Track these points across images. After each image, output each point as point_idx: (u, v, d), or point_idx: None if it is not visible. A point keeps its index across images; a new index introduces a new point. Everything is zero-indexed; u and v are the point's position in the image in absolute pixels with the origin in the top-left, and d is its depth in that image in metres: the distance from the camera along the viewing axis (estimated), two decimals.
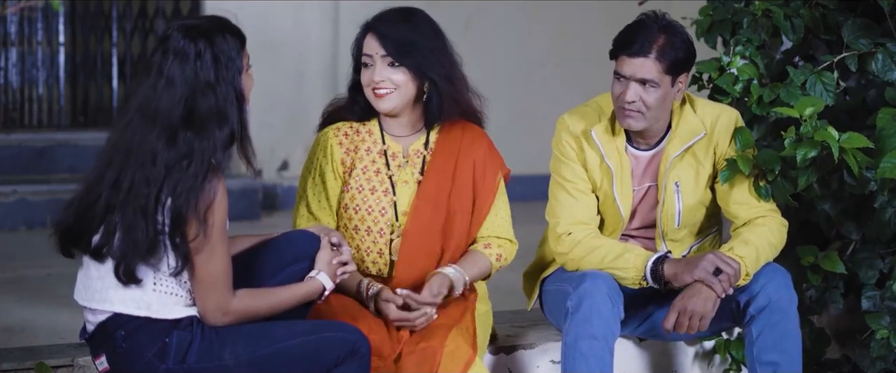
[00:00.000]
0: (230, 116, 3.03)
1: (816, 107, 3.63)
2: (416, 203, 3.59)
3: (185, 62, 3.01)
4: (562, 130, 3.73)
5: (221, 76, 3.03)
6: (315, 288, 3.24)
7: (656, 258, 3.58)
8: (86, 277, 3.13)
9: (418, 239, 3.58)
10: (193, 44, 3.02)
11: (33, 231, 6.26)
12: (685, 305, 3.50)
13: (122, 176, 3.00)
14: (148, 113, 3.01)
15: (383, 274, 3.63)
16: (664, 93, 3.59)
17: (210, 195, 2.99)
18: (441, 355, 3.35)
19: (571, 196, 3.69)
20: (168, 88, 3.01)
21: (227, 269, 3.07)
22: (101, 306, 3.09)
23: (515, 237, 3.70)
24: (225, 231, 3.06)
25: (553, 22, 7.85)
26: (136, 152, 2.99)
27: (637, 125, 3.62)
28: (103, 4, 7.65)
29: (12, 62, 7.44)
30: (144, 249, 2.99)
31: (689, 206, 3.72)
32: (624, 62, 3.57)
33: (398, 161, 3.64)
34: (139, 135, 3.00)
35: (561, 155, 3.73)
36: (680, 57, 3.58)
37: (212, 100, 3.01)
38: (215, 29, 3.07)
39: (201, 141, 2.99)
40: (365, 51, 3.58)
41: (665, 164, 3.69)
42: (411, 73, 3.55)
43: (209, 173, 2.99)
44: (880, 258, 3.94)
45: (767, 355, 3.57)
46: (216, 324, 3.10)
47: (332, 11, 7.25)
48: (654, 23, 3.58)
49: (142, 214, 2.97)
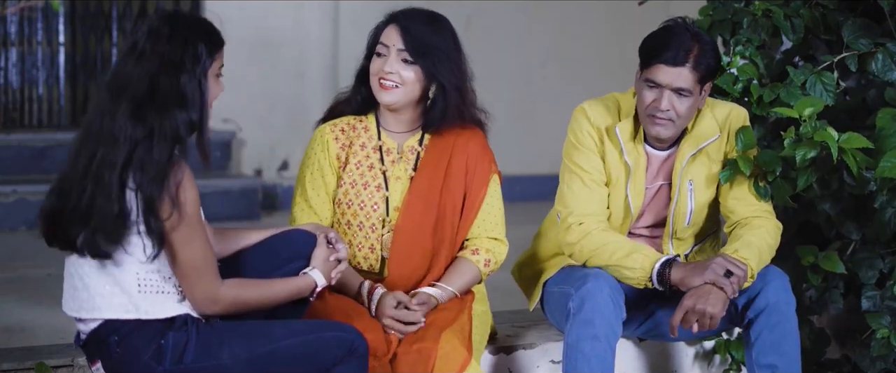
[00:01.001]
0: (192, 103, 3.03)
1: (816, 107, 3.63)
2: (408, 199, 3.60)
3: (158, 41, 3.03)
4: (582, 118, 3.71)
5: (188, 65, 3.04)
6: (307, 283, 3.24)
7: (664, 261, 3.57)
8: (71, 287, 3.13)
9: (410, 235, 3.59)
10: (168, 27, 3.05)
11: (33, 231, 6.19)
12: (695, 304, 3.47)
13: (95, 153, 3.01)
14: (115, 88, 3.03)
15: (375, 270, 3.63)
16: (694, 101, 3.59)
17: (179, 175, 2.99)
18: (436, 356, 3.35)
19: (586, 186, 3.68)
20: (137, 63, 3.03)
21: (208, 255, 3.06)
22: (91, 315, 3.08)
23: (508, 238, 3.69)
24: (200, 217, 3.06)
25: (553, 22, 7.85)
26: (105, 128, 3.01)
27: (666, 133, 3.62)
28: (103, 4, 7.65)
29: (12, 62, 7.44)
30: (110, 224, 2.98)
31: (700, 204, 3.73)
32: (660, 70, 3.55)
33: (392, 157, 3.64)
34: (107, 111, 3.02)
35: (578, 143, 3.70)
36: (712, 65, 3.59)
37: (175, 81, 3.02)
38: (193, 23, 3.10)
39: (162, 120, 2.99)
40: (382, 40, 3.58)
41: (680, 163, 3.68)
42: (422, 73, 3.55)
43: (174, 154, 2.99)
44: (880, 258, 3.94)
45: (766, 357, 3.58)
46: (207, 312, 3.08)
47: (332, 11, 7.25)
48: (685, 31, 3.58)
49: (109, 190, 2.97)
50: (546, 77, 7.86)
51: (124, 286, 3.05)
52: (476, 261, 3.64)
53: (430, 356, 3.35)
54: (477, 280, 3.66)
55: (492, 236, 3.67)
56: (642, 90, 3.60)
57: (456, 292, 3.59)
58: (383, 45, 3.57)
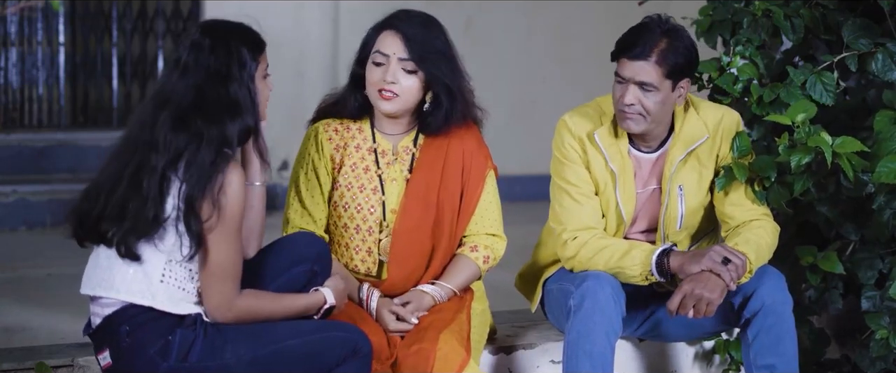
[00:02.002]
0: (246, 109, 3.09)
1: (808, 113, 3.62)
2: (405, 201, 3.58)
3: (200, 53, 3.09)
4: (563, 131, 3.71)
5: (234, 72, 3.09)
6: (317, 300, 3.26)
7: (661, 251, 3.57)
8: (94, 266, 3.15)
9: (408, 237, 3.58)
10: (209, 38, 3.11)
11: (33, 231, 6.26)
12: (693, 288, 3.47)
13: (132, 158, 3.05)
14: (160, 100, 3.08)
15: (372, 273, 3.63)
16: (664, 97, 3.58)
17: (222, 179, 3.02)
18: (434, 357, 3.35)
19: (576, 201, 3.68)
20: (182, 76, 3.08)
21: (237, 262, 3.09)
22: (108, 294, 3.09)
23: (507, 238, 3.69)
24: (239, 224, 3.08)
25: (553, 22, 7.85)
26: (146, 135, 3.05)
27: (637, 128, 3.61)
28: (103, 4, 7.65)
29: (12, 62, 7.44)
30: (144, 226, 3.01)
31: (691, 209, 3.72)
32: (624, 65, 3.56)
33: (387, 158, 3.63)
34: (149, 119, 3.06)
35: (563, 157, 3.71)
36: (680, 62, 3.57)
37: (222, 90, 3.07)
38: (234, 30, 3.16)
39: (211, 128, 3.04)
40: (380, 49, 3.52)
41: (669, 168, 3.68)
42: (423, 80, 3.52)
43: (220, 160, 3.03)
44: (879, 259, 3.94)
45: (764, 358, 3.58)
46: (220, 320, 3.10)
47: (332, 11, 7.25)
48: (657, 26, 3.57)
49: (146, 192, 3.01)
50: (546, 77, 7.86)
51: (148, 272, 3.07)
52: (475, 258, 3.64)
53: (428, 357, 3.35)
54: (476, 277, 3.66)
55: (490, 233, 3.66)
56: (613, 85, 3.62)
57: (455, 289, 3.59)
58: (381, 54, 3.52)
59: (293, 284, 3.27)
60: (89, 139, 6.97)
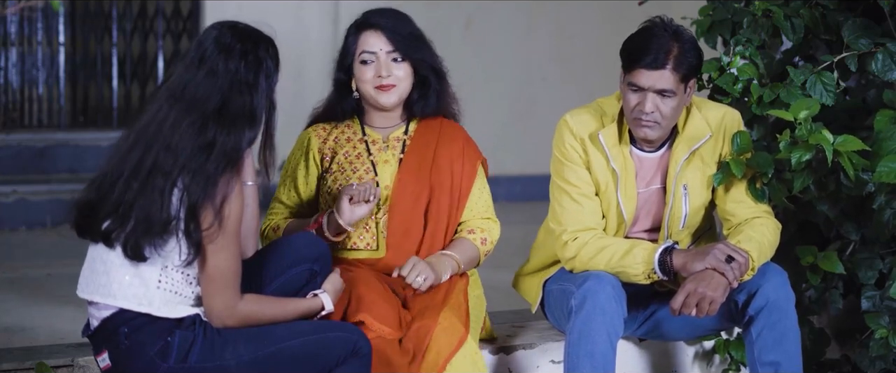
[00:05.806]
0: (260, 121, 3.09)
1: (811, 110, 3.63)
2: (400, 176, 3.67)
3: (230, 57, 3.08)
4: (564, 131, 3.71)
5: (260, 82, 3.10)
6: (316, 306, 3.27)
7: (664, 249, 3.57)
8: (91, 271, 3.14)
9: (405, 208, 3.65)
10: (240, 43, 3.10)
11: (33, 231, 6.26)
12: (696, 287, 3.47)
13: (146, 156, 3.03)
14: (183, 99, 3.05)
15: (372, 248, 3.67)
16: (679, 101, 3.59)
17: (226, 188, 3.02)
18: (434, 331, 3.40)
19: (576, 201, 3.68)
20: (208, 78, 3.06)
21: (237, 268, 3.09)
22: (105, 300, 3.09)
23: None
24: (239, 231, 3.09)
25: (553, 22, 7.85)
26: (165, 135, 3.03)
27: (654, 135, 3.62)
28: (103, 4, 7.66)
29: (12, 62, 7.44)
30: (155, 229, 3.00)
31: (694, 208, 3.72)
32: (641, 74, 3.55)
33: (379, 146, 3.73)
34: (171, 119, 3.04)
35: (563, 157, 3.71)
36: (693, 64, 3.58)
37: (247, 99, 3.07)
38: (262, 39, 3.16)
39: (227, 136, 3.03)
40: (365, 48, 3.67)
41: (674, 167, 3.68)
42: (412, 67, 3.66)
43: (228, 169, 3.02)
44: (880, 258, 3.94)
45: (768, 355, 3.58)
46: (222, 325, 3.10)
47: (332, 11, 7.25)
48: (664, 31, 3.57)
49: (159, 195, 3.00)
50: (546, 77, 7.86)
51: (145, 278, 3.07)
52: (473, 239, 3.71)
53: (428, 332, 3.40)
54: (476, 257, 3.71)
55: (484, 217, 3.75)
56: (626, 93, 3.60)
57: (456, 257, 3.64)
58: (368, 53, 3.66)
59: (293, 284, 3.28)
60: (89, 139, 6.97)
